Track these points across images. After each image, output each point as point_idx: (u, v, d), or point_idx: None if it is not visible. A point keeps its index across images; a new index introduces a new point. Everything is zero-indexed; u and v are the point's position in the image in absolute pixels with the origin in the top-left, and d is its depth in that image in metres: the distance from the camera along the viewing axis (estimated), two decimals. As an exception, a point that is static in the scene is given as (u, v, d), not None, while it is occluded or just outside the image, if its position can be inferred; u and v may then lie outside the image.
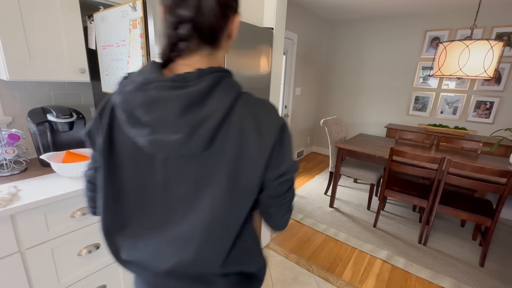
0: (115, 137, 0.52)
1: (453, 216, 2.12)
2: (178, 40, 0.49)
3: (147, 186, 0.52)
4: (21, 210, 0.91)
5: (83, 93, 1.52)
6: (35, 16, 1.07)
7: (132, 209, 0.53)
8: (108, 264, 1.24)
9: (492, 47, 1.94)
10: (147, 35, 0.98)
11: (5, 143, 1.14)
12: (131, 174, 0.52)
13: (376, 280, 1.82)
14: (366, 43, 4.04)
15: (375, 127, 4.22)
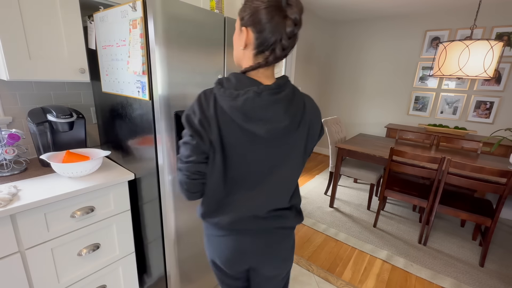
0: (223, 132, 0.69)
1: (453, 216, 2.12)
2: (289, 50, 0.68)
3: (249, 160, 0.73)
4: (21, 210, 0.91)
5: (83, 93, 1.52)
6: (35, 16, 1.07)
7: (238, 179, 0.74)
8: (108, 264, 1.24)
9: (492, 47, 1.94)
10: (147, 35, 0.98)
11: (5, 143, 1.14)
12: (237, 155, 0.72)
13: (376, 280, 1.82)
14: (366, 43, 4.04)
15: (375, 127, 4.21)
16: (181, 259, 1.30)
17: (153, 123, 1.09)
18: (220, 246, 0.82)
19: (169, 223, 1.19)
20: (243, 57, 0.72)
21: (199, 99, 0.69)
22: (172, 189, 1.16)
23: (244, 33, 0.68)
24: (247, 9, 0.67)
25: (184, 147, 0.71)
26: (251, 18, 0.66)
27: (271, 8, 0.64)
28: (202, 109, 0.68)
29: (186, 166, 0.72)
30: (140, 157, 1.23)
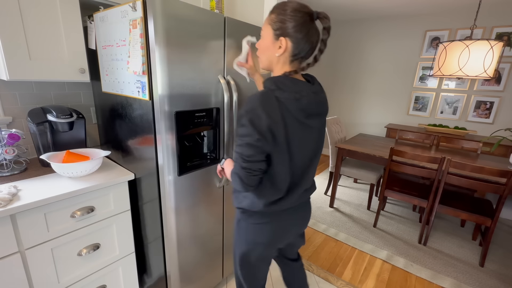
0: (289, 131, 0.79)
1: (453, 216, 2.12)
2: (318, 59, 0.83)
3: (307, 149, 0.87)
4: (21, 210, 0.91)
5: (83, 93, 1.52)
6: (35, 16, 1.07)
7: (300, 165, 0.88)
8: (108, 264, 1.24)
9: (492, 47, 1.94)
10: (147, 35, 0.98)
11: (5, 143, 1.14)
12: (299, 147, 0.84)
13: (376, 280, 1.82)
14: (366, 43, 4.04)
15: (375, 127, 4.21)
16: (181, 259, 1.30)
17: (153, 123, 1.09)
18: (287, 226, 0.97)
19: (169, 223, 1.19)
20: (277, 62, 0.84)
21: (262, 103, 0.75)
22: (173, 189, 1.16)
23: (283, 42, 0.78)
24: (285, 21, 0.76)
25: (247, 147, 0.78)
26: (289, 30, 0.76)
27: (306, 21, 0.76)
28: (268, 114, 0.75)
29: (248, 164, 0.80)
30: (140, 157, 1.23)
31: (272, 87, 0.78)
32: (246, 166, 0.80)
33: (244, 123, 0.76)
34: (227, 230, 1.57)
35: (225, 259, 1.62)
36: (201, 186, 1.30)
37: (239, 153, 0.80)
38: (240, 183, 0.83)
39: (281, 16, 0.77)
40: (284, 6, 0.77)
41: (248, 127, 0.76)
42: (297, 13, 0.75)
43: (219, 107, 1.28)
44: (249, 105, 0.76)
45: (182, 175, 1.18)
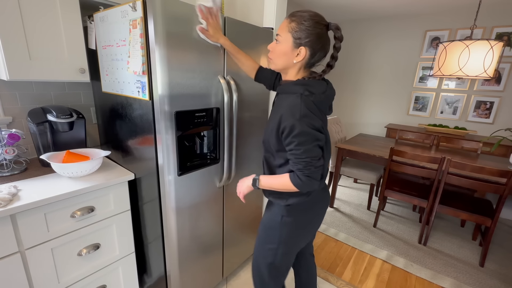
0: (324, 123, 0.92)
1: (453, 216, 2.12)
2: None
3: (328, 138, 0.97)
4: (21, 210, 0.91)
5: (83, 93, 1.52)
6: (35, 16, 1.07)
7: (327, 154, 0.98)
8: (108, 264, 1.24)
9: (492, 47, 1.94)
10: (147, 35, 0.98)
11: (5, 143, 1.14)
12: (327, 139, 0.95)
13: (376, 280, 1.82)
14: (366, 43, 4.04)
15: (375, 127, 4.21)
16: (181, 259, 1.30)
17: (153, 123, 1.09)
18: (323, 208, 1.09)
19: (169, 223, 1.19)
20: (293, 67, 0.92)
21: (308, 107, 0.84)
22: (173, 189, 1.16)
23: (302, 51, 0.86)
24: (306, 33, 0.84)
25: (316, 148, 0.86)
26: (309, 41, 0.85)
27: (324, 33, 0.86)
28: (316, 115, 0.86)
29: (319, 162, 0.88)
30: (140, 157, 1.23)
31: (306, 93, 0.86)
32: (319, 164, 0.88)
33: (304, 129, 0.83)
34: (227, 230, 1.57)
35: (225, 259, 1.62)
36: (201, 186, 1.30)
37: (309, 157, 0.85)
38: (312, 184, 0.89)
39: (302, 27, 0.84)
40: (305, 17, 0.84)
41: (310, 131, 0.83)
42: (318, 26, 0.84)
43: (219, 107, 1.28)
44: (297, 113, 0.83)
45: (182, 175, 1.18)
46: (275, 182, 0.96)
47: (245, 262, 1.91)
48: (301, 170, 0.87)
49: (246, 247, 1.81)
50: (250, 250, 1.87)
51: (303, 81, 0.89)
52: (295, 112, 0.83)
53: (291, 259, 1.10)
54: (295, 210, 1.01)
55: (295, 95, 0.87)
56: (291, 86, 0.90)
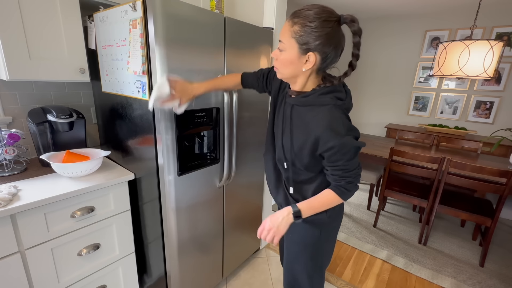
0: None
1: (453, 216, 2.12)
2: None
3: None
4: (21, 210, 0.91)
5: (83, 93, 1.52)
6: (35, 16, 1.07)
7: None
8: (108, 264, 1.24)
9: (492, 47, 1.94)
10: (147, 35, 0.98)
11: (5, 143, 1.14)
12: None
13: (376, 280, 1.82)
14: (366, 43, 4.04)
15: (375, 127, 4.21)
16: (181, 259, 1.30)
17: (153, 123, 1.09)
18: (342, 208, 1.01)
19: (169, 223, 1.19)
20: (301, 74, 0.79)
21: (346, 117, 0.80)
22: (173, 189, 1.16)
23: (311, 58, 0.73)
24: (313, 35, 0.70)
25: (357, 156, 0.81)
26: (318, 44, 0.71)
27: (335, 31, 0.70)
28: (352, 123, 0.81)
29: (360, 167, 0.84)
30: (140, 157, 1.23)
31: (339, 102, 0.78)
32: (361, 170, 0.86)
33: (353, 144, 0.77)
34: (227, 230, 1.57)
35: (225, 259, 1.62)
36: (201, 186, 1.30)
37: (356, 168, 0.82)
38: (356, 189, 0.86)
39: (308, 29, 0.69)
40: (309, 17, 0.69)
41: (357, 144, 0.78)
42: (326, 25, 0.69)
43: (219, 107, 1.28)
44: (342, 129, 0.76)
45: (182, 175, 1.18)
46: (319, 204, 0.85)
47: (245, 262, 1.91)
48: (351, 182, 0.82)
49: (246, 247, 1.81)
50: (250, 250, 1.87)
51: (329, 89, 0.78)
52: (339, 128, 0.75)
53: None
54: (332, 218, 0.97)
55: (326, 107, 0.77)
56: (315, 98, 0.78)
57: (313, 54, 0.72)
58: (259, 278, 1.78)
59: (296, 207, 0.83)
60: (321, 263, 1.03)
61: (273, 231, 0.82)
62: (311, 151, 0.81)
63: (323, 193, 0.85)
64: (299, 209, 0.83)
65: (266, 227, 0.83)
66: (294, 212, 0.83)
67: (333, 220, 0.98)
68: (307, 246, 0.98)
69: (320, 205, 0.85)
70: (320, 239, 0.97)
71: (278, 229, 0.82)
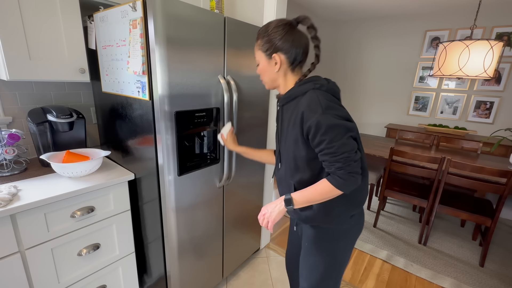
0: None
1: (453, 216, 2.12)
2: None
3: None
4: (21, 210, 0.91)
5: (83, 93, 1.52)
6: (35, 16, 1.07)
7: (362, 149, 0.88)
8: (108, 264, 1.24)
9: (492, 47, 1.94)
10: (147, 35, 0.98)
11: (5, 143, 1.14)
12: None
13: (376, 280, 1.82)
14: (366, 43, 4.04)
15: (375, 127, 4.21)
16: (181, 259, 1.30)
17: (153, 123, 1.09)
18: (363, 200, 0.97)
19: (169, 223, 1.19)
20: (278, 76, 0.89)
21: (326, 98, 0.79)
22: (173, 189, 1.16)
23: (276, 58, 0.84)
24: (271, 40, 0.83)
25: (350, 141, 0.78)
26: (277, 44, 0.83)
27: (289, 30, 0.82)
28: (339, 103, 0.82)
29: (357, 155, 0.79)
30: (140, 157, 1.23)
31: (316, 86, 0.82)
32: (357, 158, 0.78)
33: (332, 122, 0.75)
34: (227, 230, 1.57)
35: (225, 259, 1.62)
36: (201, 186, 1.30)
37: (346, 152, 0.76)
38: (355, 180, 0.79)
39: (265, 38, 0.84)
40: (266, 28, 0.85)
41: (340, 122, 0.76)
42: (278, 28, 0.82)
43: (219, 107, 1.28)
44: (319, 108, 0.76)
45: (182, 175, 1.18)
46: (311, 193, 0.83)
47: (245, 262, 1.91)
48: (341, 168, 0.77)
49: (246, 247, 1.81)
50: (250, 250, 1.87)
51: (307, 79, 0.85)
52: (316, 107, 0.76)
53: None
54: (351, 225, 0.95)
55: (306, 93, 0.82)
56: (296, 89, 0.85)
57: (276, 55, 0.84)
58: (259, 278, 1.78)
59: (289, 195, 0.86)
60: (337, 274, 1.01)
61: (267, 216, 0.87)
62: (301, 138, 0.83)
63: (319, 182, 0.83)
64: (291, 197, 0.86)
65: (262, 212, 0.90)
66: (285, 199, 0.86)
67: (351, 229, 0.95)
68: (325, 260, 0.97)
69: (312, 194, 0.83)
70: (338, 251, 0.96)
71: (271, 215, 0.87)
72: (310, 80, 0.85)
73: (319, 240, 0.96)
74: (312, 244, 0.98)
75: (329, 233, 0.94)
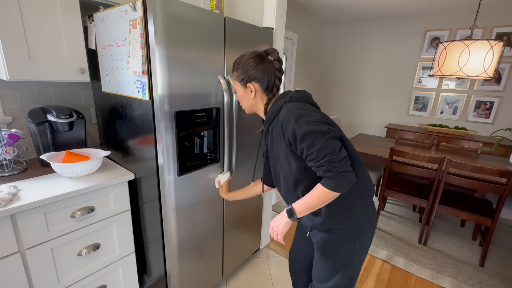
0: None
1: (453, 216, 2.12)
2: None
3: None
4: (21, 210, 0.91)
5: (83, 93, 1.52)
6: (35, 16, 1.07)
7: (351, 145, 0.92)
8: (108, 264, 1.24)
9: (492, 47, 1.94)
10: (147, 35, 0.98)
11: (5, 143, 1.14)
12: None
13: (376, 280, 1.82)
14: (366, 43, 4.04)
15: (375, 127, 4.21)
16: (181, 259, 1.30)
17: (153, 123, 1.09)
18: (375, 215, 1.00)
19: (169, 223, 1.20)
20: (256, 102, 0.96)
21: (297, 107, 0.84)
22: (173, 189, 1.16)
23: (251, 87, 0.92)
24: (244, 71, 0.91)
25: (329, 141, 0.79)
26: (251, 74, 0.90)
27: (259, 61, 0.90)
28: (309, 110, 0.84)
29: (340, 154, 0.79)
30: (140, 157, 1.23)
31: (287, 99, 0.88)
32: (342, 157, 0.79)
33: (305, 130, 0.78)
34: (227, 230, 1.57)
35: (225, 259, 1.62)
36: (201, 186, 1.30)
37: (328, 155, 0.78)
38: (348, 179, 0.80)
39: (240, 69, 0.92)
40: (240, 61, 0.92)
41: (313, 128, 0.78)
42: (250, 60, 0.90)
43: (219, 107, 1.28)
44: (291, 119, 0.81)
45: (182, 175, 1.18)
46: (310, 200, 0.85)
47: (245, 262, 1.91)
48: (328, 171, 0.79)
49: (246, 247, 1.81)
50: (250, 250, 1.87)
51: (277, 97, 0.91)
52: (289, 119, 0.82)
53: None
54: (365, 222, 0.95)
55: (281, 109, 0.87)
56: (272, 109, 0.90)
57: (251, 84, 0.92)
58: (259, 278, 1.78)
59: (289, 206, 0.90)
60: (353, 275, 1.00)
61: (275, 230, 0.93)
62: (291, 151, 0.86)
63: (314, 189, 0.85)
64: (292, 207, 0.89)
65: (270, 226, 0.96)
66: (287, 210, 0.91)
67: (366, 225, 0.95)
68: (342, 261, 0.96)
69: (311, 200, 0.85)
70: (354, 250, 0.95)
71: (278, 228, 0.92)
72: (281, 96, 0.90)
73: (334, 242, 0.96)
74: (328, 248, 0.97)
75: (343, 233, 0.94)
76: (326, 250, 0.98)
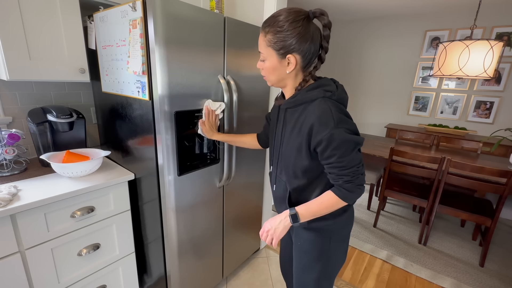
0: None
1: (453, 216, 2.12)
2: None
3: None
4: (21, 210, 0.91)
5: (83, 93, 1.52)
6: (35, 16, 1.07)
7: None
8: (108, 264, 1.24)
9: (492, 47, 1.94)
10: (147, 35, 0.98)
11: (5, 143, 1.14)
12: None
13: (376, 280, 1.82)
14: (366, 43, 4.04)
15: (375, 127, 4.21)
16: (181, 259, 1.30)
17: (153, 123, 1.09)
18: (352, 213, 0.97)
19: (169, 223, 1.20)
20: (288, 77, 0.81)
21: (339, 110, 0.75)
22: (173, 189, 1.16)
23: (291, 59, 0.75)
24: (286, 39, 0.72)
25: (358, 154, 0.77)
26: (294, 45, 0.73)
27: (307, 28, 0.72)
28: (348, 117, 0.77)
29: (363, 168, 0.79)
30: (140, 157, 1.23)
31: (328, 94, 0.77)
32: (364, 170, 0.79)
33: (344, 137, 0.73)
34: (227, 230, 1.57)
35: (225, 259, 1.62)
36: (201, 186, 1.30)
37: (355, 166, 0.76)
38: (361, 192, 0.80)
39: (280, 35, 0.73)
40: (278, 23, 0.72)
41: (351, 138, 0.74)
42: (296, 25, 0.71)
43: (219, 107, 1.28)
44: (331, 121, 0.73)
45: (182, 175, 1.18)
46: (317, 207, 0.82)
47: (245, 262, 1.91)
48: (349, 182, 0.77)
49: (246, 247, 1.81)
50: (250, 250, 1.87)
51: (315, 84, 0.79)
52: (328, 120, 0.73)
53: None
54: (341, 225, 0.93)
55: (315, 101, 0.77)
56: (303, 95, 0.78)
57: (292, 55, 0.75)
58: (259, 278, 1.78)
59: (293, 210, 0.83)
60: (330, 272, 0.99)
61: (271, 233, 0.84)
62: (308, 151, 0.80)
63: (323, 195, 0.82)
64: (296, 212, 0.83)
65: (265, 229, 0.86)
66: (291, 214, 0.83)
67: (343, 227, 0.93)
68: (317, 256, 0.95)
69: (319, 207, 0.82)
70: (330, 248, 0.94)
71: (276, 232, 0.84)
72: (320, 85, 0.78)
73: (313, 240, 0.94)
74: (305, 243, 0.96)
75: (319, 231, 0.92)
76: (304, 244, 0.96)
